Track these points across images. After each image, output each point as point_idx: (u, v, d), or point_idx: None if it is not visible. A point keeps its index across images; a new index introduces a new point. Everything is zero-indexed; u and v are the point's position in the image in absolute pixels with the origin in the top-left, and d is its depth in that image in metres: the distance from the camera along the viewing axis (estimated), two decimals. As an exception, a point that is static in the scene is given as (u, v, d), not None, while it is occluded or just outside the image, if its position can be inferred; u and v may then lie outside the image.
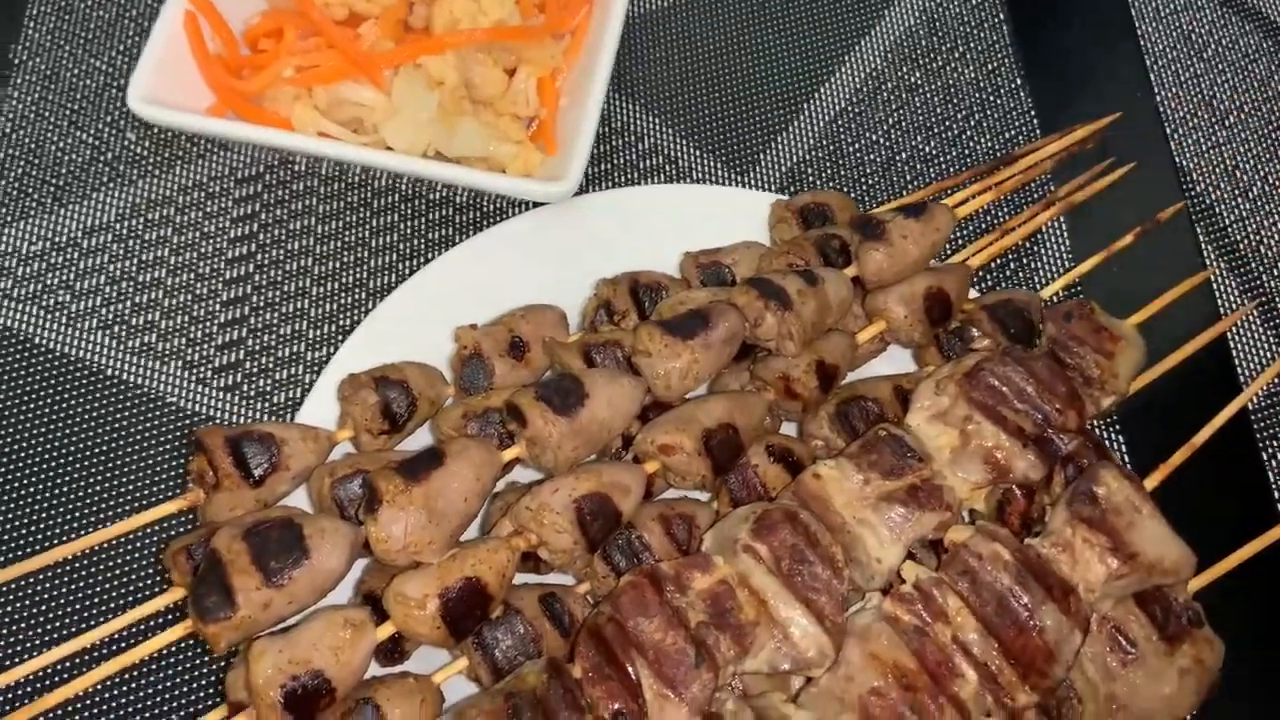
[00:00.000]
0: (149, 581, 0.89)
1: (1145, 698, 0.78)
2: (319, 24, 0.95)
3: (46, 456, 0.94)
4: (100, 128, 1.10)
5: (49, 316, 1.00)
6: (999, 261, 1.07)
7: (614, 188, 1.08)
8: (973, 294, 0.94)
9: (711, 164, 1.12)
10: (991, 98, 1.17)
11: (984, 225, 1.07)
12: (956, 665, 0.73)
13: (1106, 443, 0.96)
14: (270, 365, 1.00)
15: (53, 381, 0.97)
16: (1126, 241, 0.94)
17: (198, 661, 0.86)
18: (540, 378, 0.88)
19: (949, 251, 1.02)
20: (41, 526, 0.91)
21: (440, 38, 0.95)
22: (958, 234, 1.06)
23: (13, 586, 0.87)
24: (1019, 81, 1.18)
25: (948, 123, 1.16)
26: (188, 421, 0.96)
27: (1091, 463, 0.82)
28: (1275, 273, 1.09)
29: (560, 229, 0.98)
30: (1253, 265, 1.10)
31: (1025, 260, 1.07)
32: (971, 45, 1.20)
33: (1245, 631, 0.84)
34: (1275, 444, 1.00)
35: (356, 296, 1.03)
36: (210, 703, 0.84)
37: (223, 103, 0.99)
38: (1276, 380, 1.03)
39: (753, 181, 1.11)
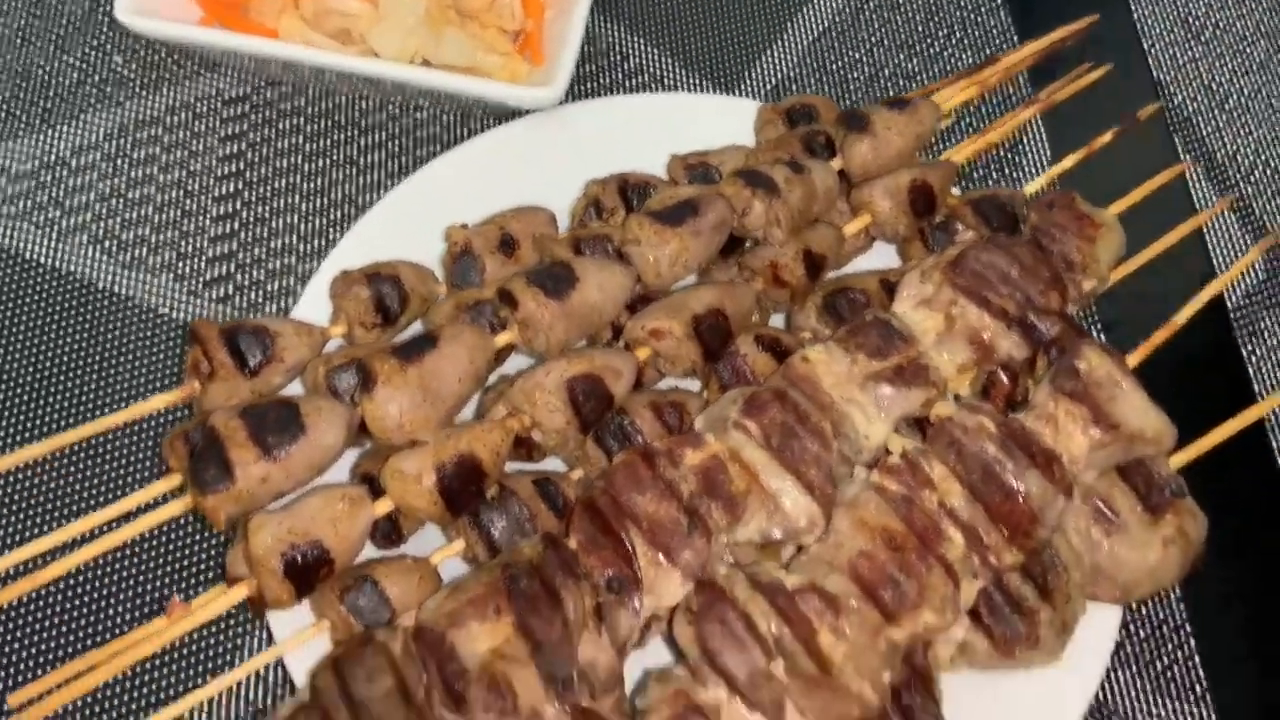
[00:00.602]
0: (148, 473, 0.89)
1: (1130, 567, 0.80)
2: (304, -65, 0.96)
3: (40, 368, 0.94)
4: (87, 51, 1.10)
5: (39, 232, 1.01)
6: (982, 171, 1.08)
7: (601, 102, 1.09)
8: (957, 194, 0.96)
9: (698, 81, 1.13)
10: (972, 15, 1.19)
11: (967, 130, 1.08)
12: (943, 529, 0.75)
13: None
14: (260, 278, 1.01)
15: (45, 295, 0.98)
16: (1106, 139, 0.96)
17: (197, 544, 0.87)
18: (531, 272, 0.89)
19: (932, 155, 1.04)
20: (36, 434, 0.92)
21: (426, -54, 0.96)
22: (941, 138, 1.08)
23: (8, 481, 0.88)
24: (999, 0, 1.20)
25: (929, 40, 1.17)
26: (180, 332, 0.97)
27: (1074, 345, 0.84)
28: (1252, 178, 1.11)
29: (548, 136, 0.99)
30: (1229, 172, 1.12)
31: (1007, 170, 1.09)
32: (952, -35, 1.22)
33: (1228, 501, 0.87)
34: (1255, 340, 1.02)
35: (345, 211, 1.04)
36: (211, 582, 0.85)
37: (210, 16, 0.99)
38: (1254, 276, 1.05)
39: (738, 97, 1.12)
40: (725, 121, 1.00)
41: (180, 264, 1.01)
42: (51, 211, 1.02)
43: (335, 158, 1.06)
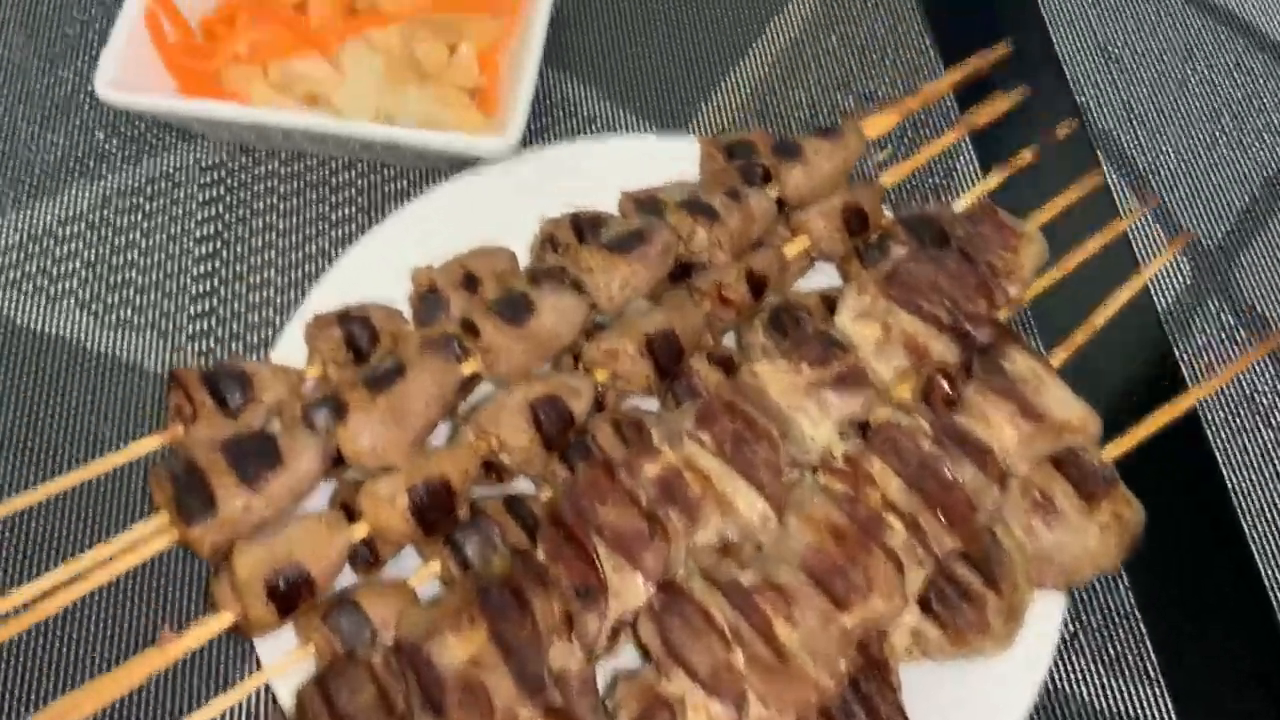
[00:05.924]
0: (137, 514, 0.94)
1: (1070, 553, 0.84)
2: (270, 6, 1.03)
3: (32, 428, 0.99)
4: (71, 129, 1.17)
5: (29, 300, 1.06)
6: (917, 192, 1.15)
7: (556, 151, 1.16)
8: (890, 214, 1.02)
9: (647, 126, 1.20)
10: (901, 53, 1.27)
11: (904, 158, 1.15)
12: (886, 520, 0.79)
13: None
14: (240, 330, 1.06)
15: (36, 359, 1.03)
16: (1027, 157, 1.02)
17: (184, 580, 0.92)
18: (493, 308, 0.94)
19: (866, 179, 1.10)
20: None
21: (384, 11, 1.03)
22: (880, 166, 1.15)
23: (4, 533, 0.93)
24: (927, 41, 1.28)
25: (863, 78, 1.25)
26: (165, 385, 1.02)
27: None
28: (1176, 192, 1.18)
29: (506, 182, 1.05)
30: (1152, 183, 1.19)
31: (943, 194, 1.16)
32: (881, 10, 1.30)
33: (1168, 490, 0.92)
34: (1186, 340, 1.08)
35: (320, 265, 1.09)
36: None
37: (184, 88, 1.06)
38: (1180, 279, 1.11)
39: (686, 140, 1.19)
40: (671, 160, 1.06)
41: (163, 321, 1.06)
42: (39, 280, 1.08)
43: (309, 215, 1.12)
